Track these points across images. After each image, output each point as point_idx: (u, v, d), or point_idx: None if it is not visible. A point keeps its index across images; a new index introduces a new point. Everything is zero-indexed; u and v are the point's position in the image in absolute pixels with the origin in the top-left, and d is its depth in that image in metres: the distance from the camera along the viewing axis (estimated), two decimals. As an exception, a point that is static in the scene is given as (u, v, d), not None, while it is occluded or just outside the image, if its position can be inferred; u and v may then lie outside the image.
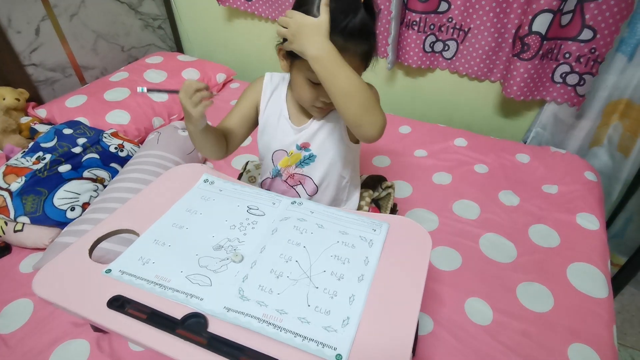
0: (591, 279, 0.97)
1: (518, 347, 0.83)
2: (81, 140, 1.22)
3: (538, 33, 1.21)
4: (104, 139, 1.27)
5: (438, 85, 1.61)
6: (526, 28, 1.22)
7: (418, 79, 1.64)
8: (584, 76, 1.28)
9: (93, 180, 1.15)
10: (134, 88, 1.54)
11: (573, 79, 1.31)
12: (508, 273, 0.99)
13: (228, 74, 1.84)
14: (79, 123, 1.31)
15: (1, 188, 1.05)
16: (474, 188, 1.26)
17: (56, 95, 1.58)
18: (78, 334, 0.85)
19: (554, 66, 1.32)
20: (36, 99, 1.52)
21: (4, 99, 1.34)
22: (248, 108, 0.87)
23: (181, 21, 2.04)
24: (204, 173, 0.83)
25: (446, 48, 1.47)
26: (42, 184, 1.06)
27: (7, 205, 1.02)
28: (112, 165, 1.22)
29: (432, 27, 1.43)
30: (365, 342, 0.52)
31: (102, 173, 1.18)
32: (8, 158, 1.23)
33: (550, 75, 1.34)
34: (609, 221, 1.44)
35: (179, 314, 0.55)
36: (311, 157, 0.85)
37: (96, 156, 1.20)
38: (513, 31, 1.33)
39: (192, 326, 0.53)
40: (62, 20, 1.54)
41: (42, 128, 1.35)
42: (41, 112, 1.42)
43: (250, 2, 1.75)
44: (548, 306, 0.91)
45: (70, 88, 1.61)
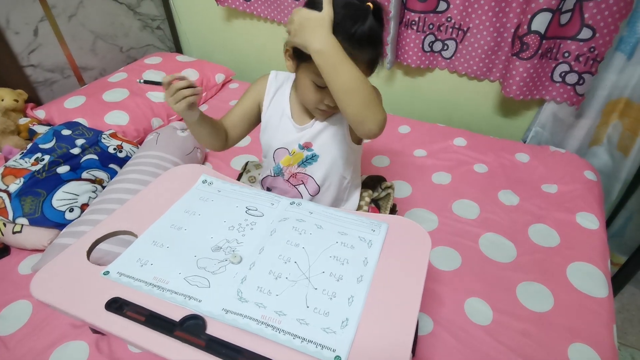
0: (591, 279, 0.97)
1: (518, 347, 0.83)
2: (80, 141, 1.22)
3: (537, 32, 1.21)
4: (103, 140, 1.26)
5: (437, 85, 1.61)
6: (525, 27, 1.22)
7: (417, 79, 1.64)
8: (583, 75, 1.28)
9: (92, 181, 1.15)
10: (133, 89, 1.54)
11: (572, 78, 1.31)
12: (508, 273, 0.99)
13: (227, 74, 1.84)
14: (78, 124, 1.30)
15: (0, 189, 1.05)
16: (474, 188, 1.26)
17: (55, 96, 1.57)
18: (77, 336, 0.84)
19: (553, 65, 1.32)
20: (35, 100, 1.52)
21: (3, 100, 1.34)
22: (250, 105, 0.88)
23: (180, 21, 2.04)
24: (203, 174, 0.83)
25: (445, 48, 1.47)
26: (41, 185, 1.06)
27: (6, 206, 1.02)
28: (111, 166, 1.22)
29: (431, 27, 1.43)
30: (364, 344, 0.52)
31: (101, 174, 1.18)
32: (7, 159, 1.23)
33: (549, 74, 1.34)
34: (609, 220, 1.44)
35: (178, 316, 0.54)
36: (314, 157, 0.85)
37: (95, 157, 1.20)
38: (512, 30, 1.32)
39: (191, 328, 0.53)
40: (61, 21, 1.54)
41: (41, 129, 1.35)
42: (40, 113, 1.42)
43: (248, 3, 1.75)
44: (548, 306, 0.91)
45: (69, 89, 1.61)
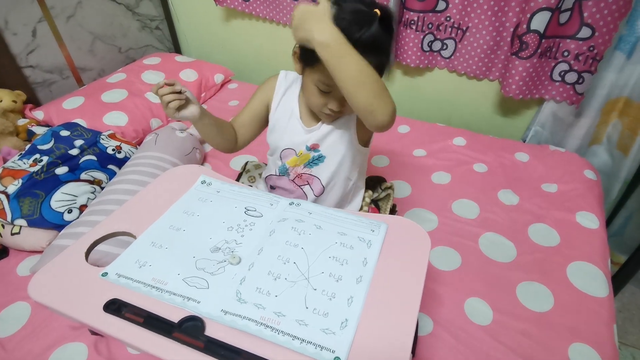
0: (591, 278, 0.96)
1: (518, 347, 0.83)
2: (78, 142, 1.22)
3: (536, 31, 1.21)
4: (102, 141, 1.26)
5: (436, 84, 1.60)
6: (524, 26, 1.21)
7: (416, 78, 1.64)
8: (583, 74, 1.28)
9: (90, 182, 1.14)
10: (132, 89, 1.53)
11: (572, 77, 1.31)
12: (508, 273, 0.99)
13: (226, 75, 1.84)
14: (76, 125, 1.30)
15: (-2, 191, 1.05)
16: (473, 187, 1.25)
17: (53, 97, 1.57)
18: (76, 337, 0.84)
19: (553, 64, 1.32)
20: (33, 101, 1.51)
21: (1, 101, 1.33)
22: (259, 106, 0.89)
23: (179, 22, 2.04)
24: (202, 174, 0.82)
25: (444, 47, 1.47)
26: (39, 187, 1.06)
27: (4, 207, 1.02)
28: (110, 167, 1.22)
29: (430, 26, 1.43)
30: (364, 344, 0.52)
31: (100, 175, 1.18)
32: (5, 160, 1.23)
33: (549, 73, 1.34)
34: (609, 220, 1.43)
35: (176, 317, 0.54)
36: (320, 158, 0.86)
37: (94, 158, 1.20)
38: (511, 30, 1.32)
39: (189, 329, 0.53)
40: (59, 21, 1.54)
41: (40, 130, 1.35)
42: (38, 114, 1.42)
43: (247, 3, 1.75)
44: (548, 306, 0.91)
45: (67, 90, 1.60)
